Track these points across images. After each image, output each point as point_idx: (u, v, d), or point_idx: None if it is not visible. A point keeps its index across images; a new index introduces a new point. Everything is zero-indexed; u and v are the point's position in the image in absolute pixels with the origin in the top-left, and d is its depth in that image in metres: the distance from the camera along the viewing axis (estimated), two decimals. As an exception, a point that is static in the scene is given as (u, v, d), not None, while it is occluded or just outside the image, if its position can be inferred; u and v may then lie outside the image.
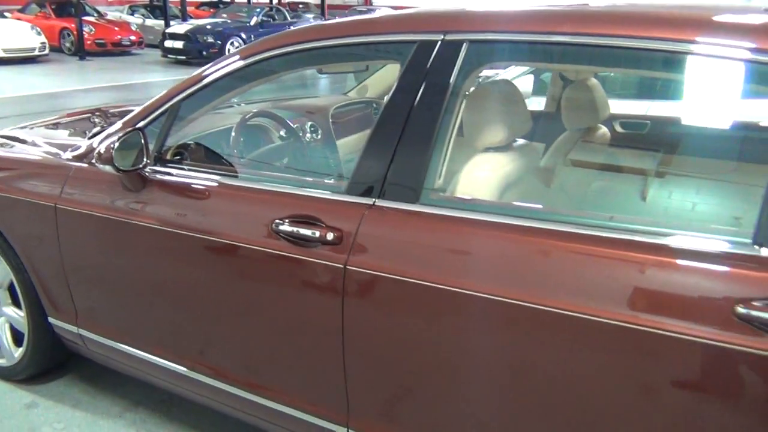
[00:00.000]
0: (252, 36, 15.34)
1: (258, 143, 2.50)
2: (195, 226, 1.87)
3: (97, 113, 3.25)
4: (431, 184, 1.63)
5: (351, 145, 3.00)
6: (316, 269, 1.67)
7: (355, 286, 1.61)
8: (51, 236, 2.21)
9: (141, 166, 1.96)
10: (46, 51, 14.35)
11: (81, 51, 15.14)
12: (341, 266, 1.62)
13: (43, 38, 14.31)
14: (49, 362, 2.57)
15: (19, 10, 17.27)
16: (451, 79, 1.62)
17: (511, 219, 1.49)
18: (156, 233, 1.95)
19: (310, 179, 1.93)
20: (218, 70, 2.01)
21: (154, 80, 12.53)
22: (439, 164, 1.63)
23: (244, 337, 1.90)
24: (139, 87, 11.70)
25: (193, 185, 1.95)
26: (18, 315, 2.51)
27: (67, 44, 16.03)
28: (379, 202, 1.64)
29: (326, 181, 1.90)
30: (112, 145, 1.91)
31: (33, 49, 14.01)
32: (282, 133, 2.63)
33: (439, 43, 1.66)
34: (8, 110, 8.76)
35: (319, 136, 2.83)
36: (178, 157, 2.15)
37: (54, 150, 2.36)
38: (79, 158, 2.21)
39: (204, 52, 14.69)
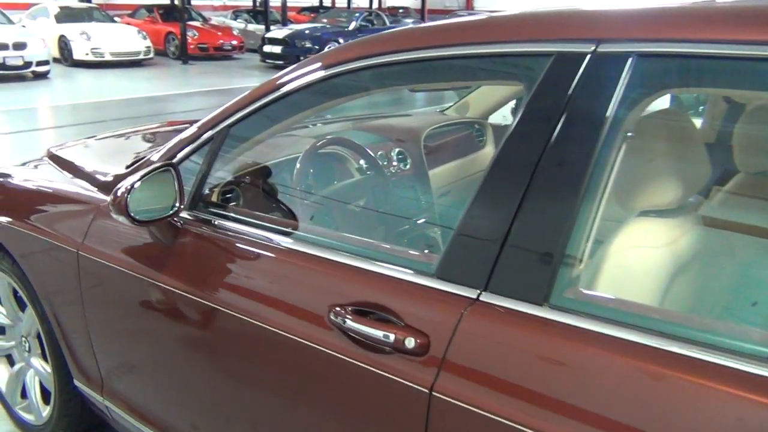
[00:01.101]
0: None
1: (328, 179, 1.99)
2: (230, 300, 1.39)
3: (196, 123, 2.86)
4: (569, 273, 1.05)
5: (445, 176, 2.45)
6: (387, 387, 1.13)
7: (444, 422, 1.07)
8: (74, 289, 1.80)
9: (169, 214, 1.50)
10: (151, 55, 14.69)
11: (184, 55, 15.42)
12: (425, 391, 1.08)
13: (148, 42, 14.65)
14: (77, 427, 2.17)
15: (129, 15, 17.89)
16: (608, 110, 1.04)
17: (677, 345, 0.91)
18: (185, 302, 1.49)
19: (387, 245, 1.38)
20: (289, 82, 1.50)
21: (251, 85, 12.43)
22: (582, 239, 1.06)
23: None
24: (237, 92, 11.49)
25: (234, 242, 1.47)
26: (45, 370, 2.13)
27: (172, 48, 16.39)
28: (487, 297, 1.08)
29: (411, 251, 1.35)
30: (129, 188, 1.45)
31: (138, 53, 14.36)
32: (361, 163, 2.12)
33: (589, 56, 1.08)
34: (108, 113, 8.85)
35: (408, 167, 2.30)
36: (228, 195, 1.69)
37: (94, 178, 1.95)
38: (109, 192, 1.79)
39: (301, 57, 14.52)
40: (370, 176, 2.06)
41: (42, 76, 11.87)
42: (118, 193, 1.46)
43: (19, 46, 11.29)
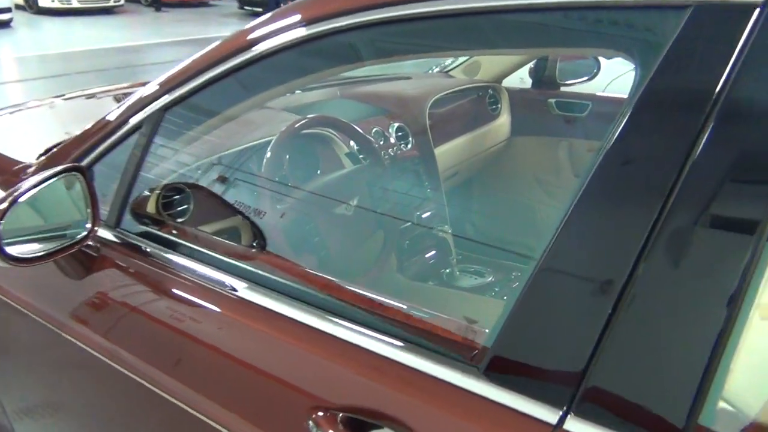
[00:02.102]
0: (334, -14, 14.25)
1: (309, 175, 1.51)
2: (158, 378, 0.94)
3: None
4: (722, 381, 0.60)
5: (452, 156, 1.98)
6: None
7: None
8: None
9: (75, 241, 1.03)
10: (122, 1, 13.92)
11: (157, 2, 14.58)
12: None
13: (119, -12, 13.82)
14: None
15: (99, -41, 16.85)
16: None
17: None
18: (100, 369, 1.03)
19: (402, 304, 0.90)
20: (249, 47, 1.01)
21: (229, 34, 11.79)
22: (755, 316, 0.60)
23: None
24: (214, 42, 10.97)
25: (170, 286, 1.00)
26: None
27: (144, -6, 15.52)
28: (575, 425, 0.64)
29: (437, 318, 0.88)
30: (3, 209, 0.97)
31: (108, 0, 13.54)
32: (352, 144, 1.64)
33: (759, 11, 0.62)
34: (75, 65, 8.21)
35: (409, 147, 1.82)
36: (172, 198, 1.22)
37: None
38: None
39: (282, 4, 13.76)
40: (363, 165, 1.58)
41: (4, 24, 11.13)
42: None
43: (-23, -8, 10.52)
